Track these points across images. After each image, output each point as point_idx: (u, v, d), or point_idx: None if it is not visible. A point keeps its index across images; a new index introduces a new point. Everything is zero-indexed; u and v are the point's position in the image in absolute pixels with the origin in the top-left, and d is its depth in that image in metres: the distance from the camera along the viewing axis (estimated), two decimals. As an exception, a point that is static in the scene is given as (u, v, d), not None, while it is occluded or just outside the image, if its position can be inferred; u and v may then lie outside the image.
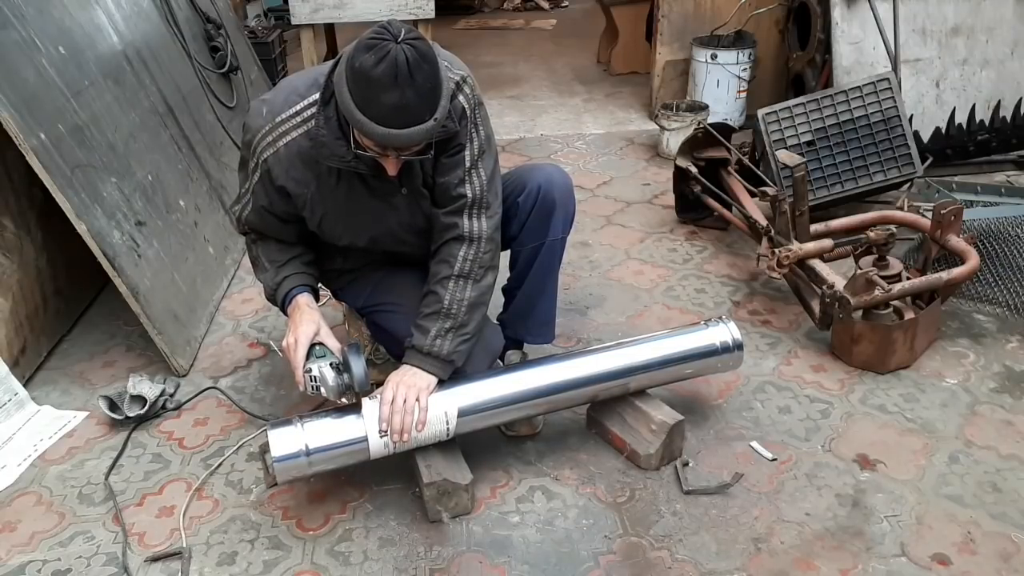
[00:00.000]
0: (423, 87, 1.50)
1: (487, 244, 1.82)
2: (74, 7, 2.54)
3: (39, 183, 2.10)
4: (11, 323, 2.25)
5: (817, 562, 1.68)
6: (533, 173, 2.00)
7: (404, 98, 1.48)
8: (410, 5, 4.08)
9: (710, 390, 2.20)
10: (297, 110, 1.70)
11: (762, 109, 3.00)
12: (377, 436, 1.73)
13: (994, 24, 3.43)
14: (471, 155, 1.77)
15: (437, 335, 1.77)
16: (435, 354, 1.77)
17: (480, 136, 1.78)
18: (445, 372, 1.79)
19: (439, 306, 1.78)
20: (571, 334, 2.48)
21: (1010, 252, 2.52)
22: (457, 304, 1.78)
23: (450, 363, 1.79)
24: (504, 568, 1.69)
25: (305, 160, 1.71)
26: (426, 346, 1.77)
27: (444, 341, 1.77)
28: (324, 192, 1.76)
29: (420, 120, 1.51)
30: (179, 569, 1.70)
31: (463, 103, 1.73)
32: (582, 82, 5.21)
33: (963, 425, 2.06)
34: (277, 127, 1.71)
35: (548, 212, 1.97)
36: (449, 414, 1.78)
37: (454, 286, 1.79)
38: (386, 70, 1.46)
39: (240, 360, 2.42)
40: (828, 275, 2.35)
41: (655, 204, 3.41)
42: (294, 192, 1.76)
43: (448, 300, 1.78)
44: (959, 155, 3.48)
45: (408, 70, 1.46)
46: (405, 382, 1.75)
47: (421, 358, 1.77)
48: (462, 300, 1.79)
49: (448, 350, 1.77)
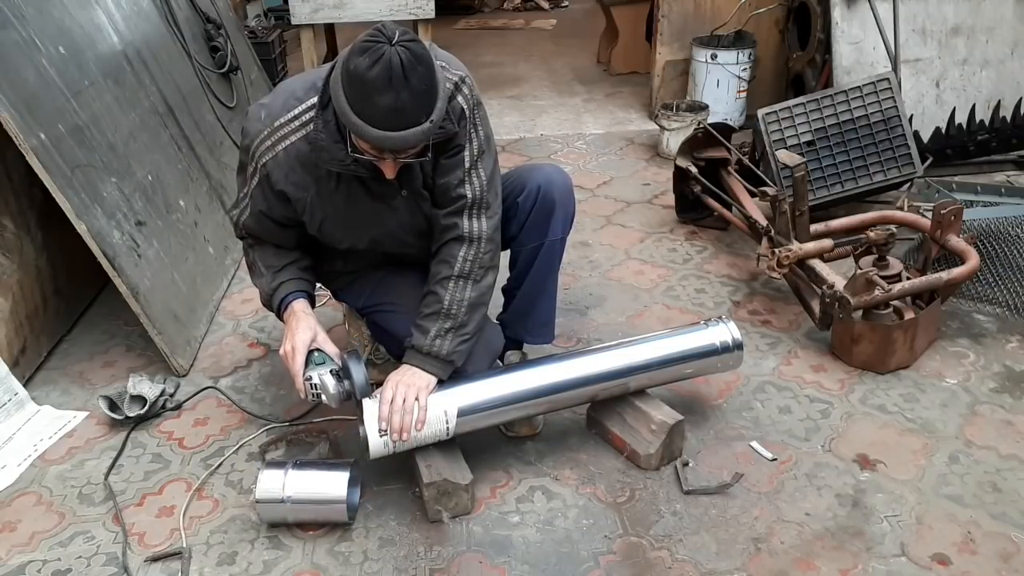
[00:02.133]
0: (418, 89, 1.49)
1: (487, 244, 1.82)
2: (74, 7, 2.54)
3: (39, 183, 2.10)
4: (11, 323, 2.25)
5: (817, 562, 1.68)
6: (533, 173, 2.00)
7: (399, 100, 1.48)
8: (410, 5, 4.08)
9: (710, 390, 2.20)
10: (296, 114, 1.70)
11: (762, 109, 3.00)
12: (376, 435, 1.73)
13: (994, 24, 3.42)
14: (470, 155, 1.77)
15: (437, 335, 1.77)
16: (435, 354, 1.77)
17: (479, 136, 1.78)
18: (445, 372, 1.80)
19: (439, 306, 1.78)
20: (571, 334, 2.48)
21: (1010, 252, 2.52)
22: (457, 304, 1.78)
23: (450, 363, 1.79)
24: (504, 568, 1.69)
25: (304, 164, 1.71)
26: (426, 346, 1.77)
27: (444, 341, 1.77)
28: (324, 196, 1.76)
29: (416, 122, 1.51)
30: (179, 569, 1.70)
31: (461, 103, 1.73)
32: (582, 82, 5.21)
33: (963, 425, 2.05)
34: (276, 131, 1.70)
35: (548, 212, 1.97)
36: (448, 413, 1.78)
37: (454, 286, 1.79)
38: (380, 72, 1.46)
39: (240, 360, 2.42)
40: (828, 275, 2.35)
41: (655, 204, 3.41)
42: (293, 196, 1.75)
43: (448, 300, 1.78)
44: (959, 155, 3.48)
45: (403, 72, 1.46)
46: (404, 381, 1.75)
47: (421, 358, 1.78)
48: (462, 300, 1.79)
49: (448, 350, 1.77)
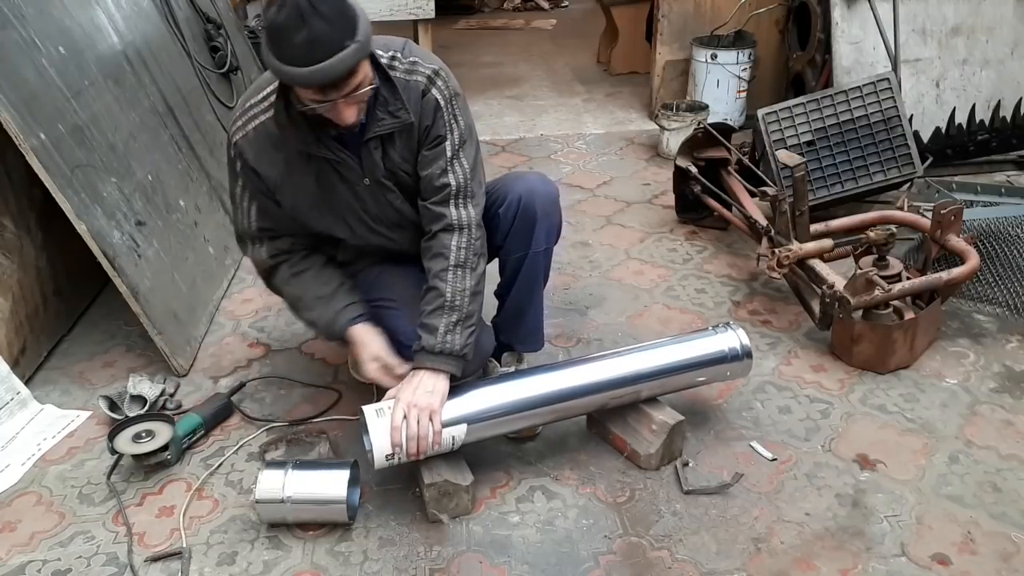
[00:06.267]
0: (329, 15, 1.48)
1: (476, 231, 1.82)
2: (74, 7, 2.54)
3: (39, 183, 2.10)
4: (11, 323, 2.25)
5: (817, 562, 1.68)
6: (515, 183, 1.98)
7: (312, 32, 1.47)
8: (410, 5, 4.08)
9: (710, 390, 2.20)
10: (265, 95, 1.72)
11: (762, 109, 3.00)
12: (383, 458, 1.72)
13: (994, 24, 3.42)
14: (452, 145, 1.78)
15: (447, 331, 1.76)
16: (448, 351, 1.75)
17: (460, 126, 1.79)
18: (459, 368, 1.78)
19: (442, 300, 1.77)
20: (571, 334, 2.48)
21: (1010, 252, 2.52)
22: (460, 295, 1.77)
23: (462, 358, 1.78)
24: (504, 568, 1.69)
25: (274, 143, 1.72)
26: (437, 344, 1.75)
27: (454, 336, 1.76)
28: (295, 176, 1.77)
29: (339, 47, 1.49)
30: (179, 569, 1.70)
31: (436, 95, 1.75)
32: (582, 82, 5.21)
33: (963, 425, 2.06)
34: (247, 112, 1.74)
35: (530, 224, 1.94)
36: (457, 436, 1.77)
37: (453, 277, 1.78)
38: (288, 13, 1.47)
39: (240, 360, 2.42)
40: (828, 275, 2.35)
41: (655, 204, 3.41)
42: (265, 174, 1.76)
43: (451, 292, 1.77)
44: (959, 155, 3.48)
45: (310, 5, 1.46)
46: (417, 404, 1.71)
47: (433, 358, 1.75)
48: (464, 290, 1.78)
49: (460, 344, 1.76)
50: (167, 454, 1.94)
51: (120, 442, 1.94)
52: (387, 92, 1.70)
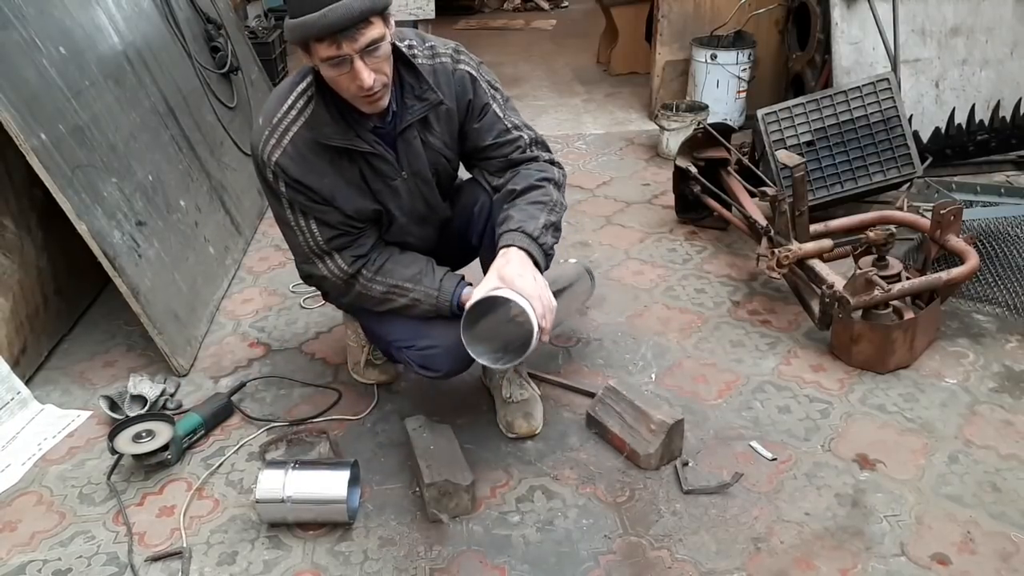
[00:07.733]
0: None
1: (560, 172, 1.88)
2: (75, 7, 2.54)
3: (40, 183, 2.10)
4: (11, 323, 2.25)
5: (817, 562, 1.68)
6: None
7: None
8: (410, 5, 4.09)
9: (710, 390, 2.20)
10: (289, 104, 1.72)
11: (762, 109, 3.00)
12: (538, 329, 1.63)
13: (994, 24, 3.43)
14: (499, 108, 1.84)
15: (545, 226, 1.75)
16: (541, 243, 1.73)
17: (498, 91, 1.86)
18: (544, 266, 1.75)
19: (548, 199, 1.78)
20: (571, 334, 2.49)
21: (1010, 252, 2.52)
22: (560, 205, 1.81)
23: (549, 258, 1.78)
24: (504, 568, 1.69)
25: (314, 150, 1.72)
26: (537, 231, 1.72)
27: (547, 235, 1.76)
28: (346, 175, 1.76)
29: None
30: (179, 569, 1.71)
31: (466, 69, 1.80)
32: (582, 82, 5.21)
33: (962, 425, 2.06)
34: (276, 127, 1.71)
35: None
36: None
37: (555, 190, 1.82)
38: None
39: (240, 360, 2.42)
40: (828, 275, 2.36)
41: (655, 204, 3.41)
42: (315, 186, 1.73)
43: (553, 200, 1.80)
44: (959, 155, 3.49)
45: None
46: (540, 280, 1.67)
47: (530, 242, 1.71)
48: (561, 202, 1.82)
49: (549, 244, 1.76)
50: (167, 454, 1.95)
51: (120, 442, 1.94)
52: (412, 78, 1.73)
